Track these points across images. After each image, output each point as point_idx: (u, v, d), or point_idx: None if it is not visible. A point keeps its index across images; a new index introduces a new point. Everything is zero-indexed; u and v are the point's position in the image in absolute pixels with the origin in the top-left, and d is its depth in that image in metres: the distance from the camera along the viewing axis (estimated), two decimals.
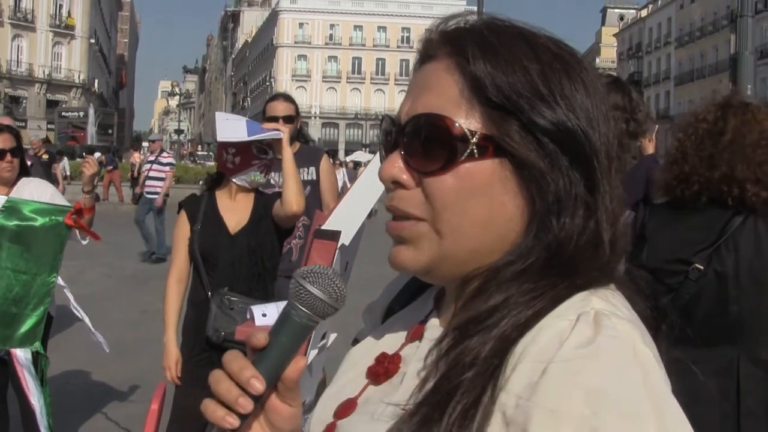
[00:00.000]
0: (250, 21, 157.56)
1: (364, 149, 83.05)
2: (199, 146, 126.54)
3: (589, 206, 1.21)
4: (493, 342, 1.13)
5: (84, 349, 5.99)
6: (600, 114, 1.24)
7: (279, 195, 5.16)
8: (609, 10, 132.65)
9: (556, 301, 1.15)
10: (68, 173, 31.79)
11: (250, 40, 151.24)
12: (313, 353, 3.93)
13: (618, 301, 1.18)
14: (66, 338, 5.88)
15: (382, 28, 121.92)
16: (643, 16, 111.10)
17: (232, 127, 5.08)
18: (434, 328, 1.31)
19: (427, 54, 1.30)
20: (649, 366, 1.08)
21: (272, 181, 5.35)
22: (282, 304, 4.58)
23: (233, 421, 1.14)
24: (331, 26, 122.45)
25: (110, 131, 56.61)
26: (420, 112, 1.23)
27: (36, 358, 5.48)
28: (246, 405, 1.14)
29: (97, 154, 23.42)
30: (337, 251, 3.81)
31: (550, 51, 1.24)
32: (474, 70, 1.20)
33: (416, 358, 1.27)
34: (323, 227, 3.89)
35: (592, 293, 1.16)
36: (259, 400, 1.17)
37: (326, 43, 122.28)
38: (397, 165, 1.25)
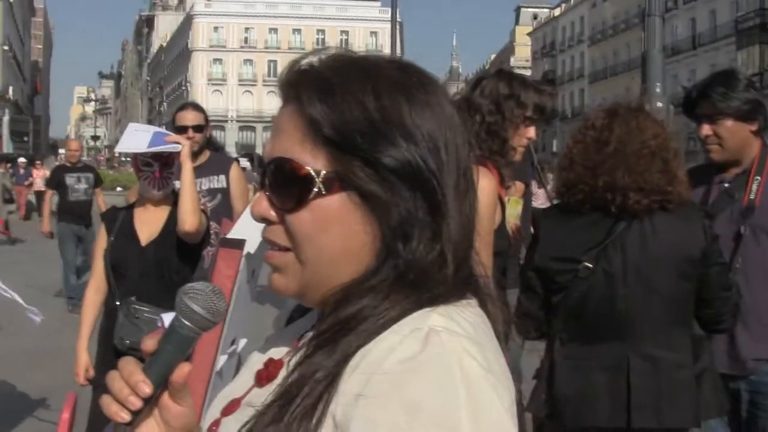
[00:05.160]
0: (165, 25, 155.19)
1: None
2: (116, 153, 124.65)
3: (433, 229, 1.30)
4: (336, 354, 1.25)
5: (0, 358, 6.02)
6: (449, 135, 1.34)
7: None
8: (523, 9, 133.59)
9: (398, 317, 1.26)
10: None
11: (165, 44, 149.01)
12: (222, 359, 4.01)
13: (463, 318, 1.26)
14: None
15: (297, 31, 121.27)
16: (556, 15, 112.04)
17: (134, 138, 5.04)
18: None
19: (282, 96, 1.40)
20: (473, 380, 1.16)
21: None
22: None
23: (125, 416, 1.26)
24: (246, 29, 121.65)
25: (26, 138, 55.43)
26: (275, 156, 1.35)
27: None
28: (135, 402, 1.26)
29: (21, 160, 22.58)
30: (242, 259, 3.90)
31: (392, 81, 1.33)
32: (311, 113, 1.31)
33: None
34: (228, 236, 3.99)
35: (434, 310, 1.26)
36: (150, 401, 1.29)
37: (241, 47, 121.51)
38: (263, 203, 1.37)
